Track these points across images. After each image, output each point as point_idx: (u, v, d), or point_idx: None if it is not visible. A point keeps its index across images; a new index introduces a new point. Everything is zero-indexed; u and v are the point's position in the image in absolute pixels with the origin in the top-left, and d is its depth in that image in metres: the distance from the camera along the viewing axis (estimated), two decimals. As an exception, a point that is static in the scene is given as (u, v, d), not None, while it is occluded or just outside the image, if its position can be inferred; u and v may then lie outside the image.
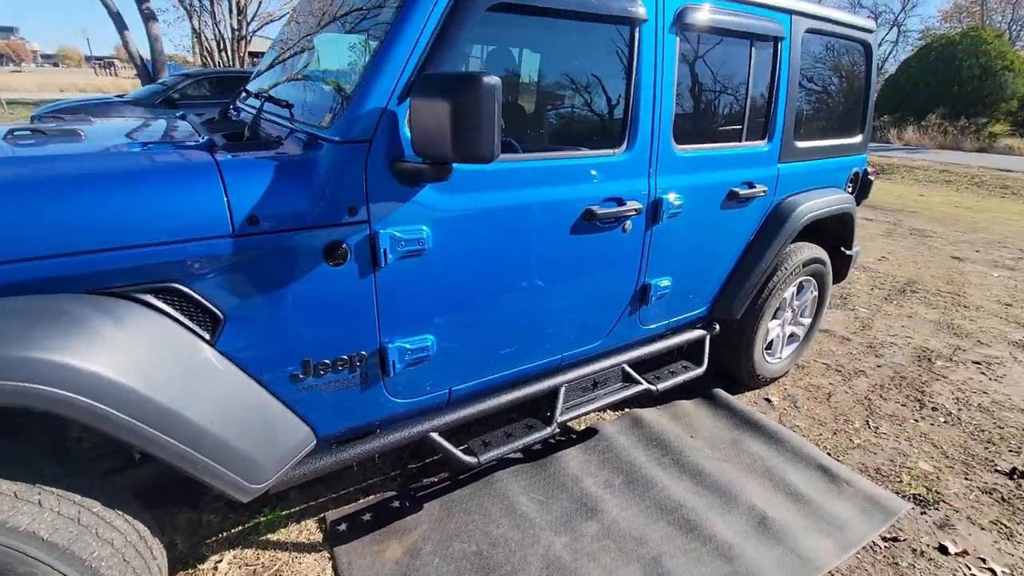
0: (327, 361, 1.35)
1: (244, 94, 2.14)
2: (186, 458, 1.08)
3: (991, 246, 5.99)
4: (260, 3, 16.91)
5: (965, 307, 4.05)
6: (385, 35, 1.28)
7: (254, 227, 1.15)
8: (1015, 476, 2.18)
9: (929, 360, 3.17)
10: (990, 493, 2.09)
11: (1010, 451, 2.35)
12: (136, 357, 1.03)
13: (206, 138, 1.35)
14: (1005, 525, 1.93)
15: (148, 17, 10.69)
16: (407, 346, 1.45)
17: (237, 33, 16.96)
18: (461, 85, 1.10)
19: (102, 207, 1.05)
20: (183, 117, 2.02)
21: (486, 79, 1.09)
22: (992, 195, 10.43)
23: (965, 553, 1.79)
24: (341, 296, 1.31)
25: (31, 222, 0.99)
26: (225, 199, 1.13)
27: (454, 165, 1.26)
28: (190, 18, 17.38)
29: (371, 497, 1.90)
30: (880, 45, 30.59)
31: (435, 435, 1.62)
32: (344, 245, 1.27)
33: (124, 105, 7.56)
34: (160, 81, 9.37)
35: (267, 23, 17.97)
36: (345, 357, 1.37)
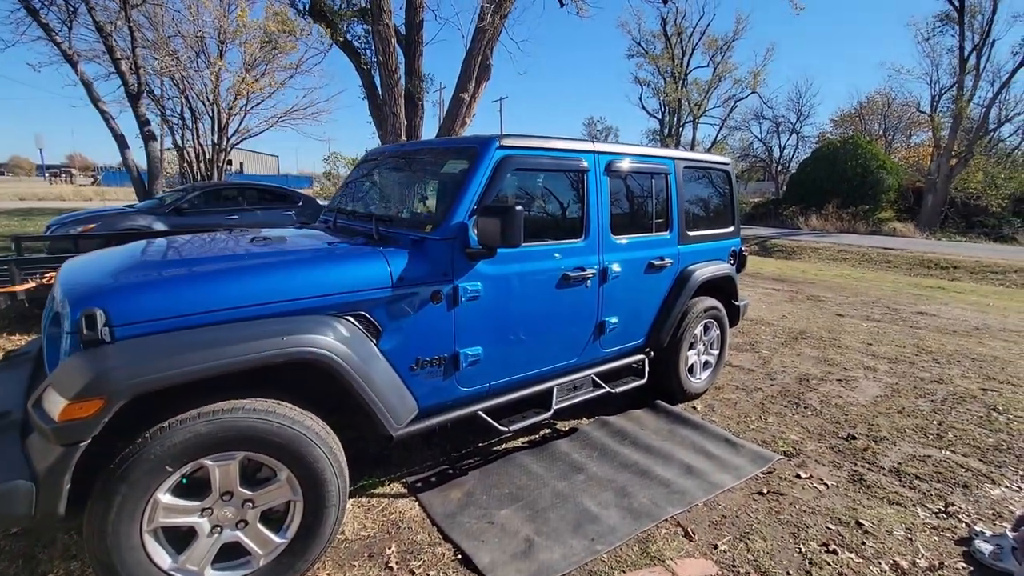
0: (427, 359, 2.38)
1: (336, 212, 3.27)
2: (374, 401, 2.07)
3: (867, 305, 7.62)
4: (241, 121, 18.70)
5: (839, 347, 5.41)
6: (460, 184, 2.48)
7: (400, 283, 2.24)
8: (848, 439, 3.33)
9: (807, 381, 4.40)
10: (832, 448, 3.21)
11: (849, 426, 3.52)
12: (351, 345, 2.05)
13: (361, 239, 2.46)
14: (838, 462, 3.04)
15: (148, 138, 11.97)
16: (469, 352, 2.50)
17: (217, 147, 18.47)
18: (504, 210, 2.27)
19: (331, 274, 2.12)
20: (304, 225, 3.12)
21: (517, 207, 2.28)
22: (878, 268, 12.62)
23: (811, 477, 2.87)
24: (438, 321, 2.37)
25: (304, 280, 2.05)
26: (388, 269, 2.22)
27: (498, 249, 2.41)
28: (172, 135, 18.86)
29: (432, 470, 2.81)
30: (784, 148, 35.81)
31: (482, 413, 2.61)
32: (441, 292, 2.36)
33: (137, 214, 8.50)
34: (158, 196, 10.40)
35: (246, 138, 19.73)
36: (437, 357, 2.40)
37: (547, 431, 3.32)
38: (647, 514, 2.46)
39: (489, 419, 2.63)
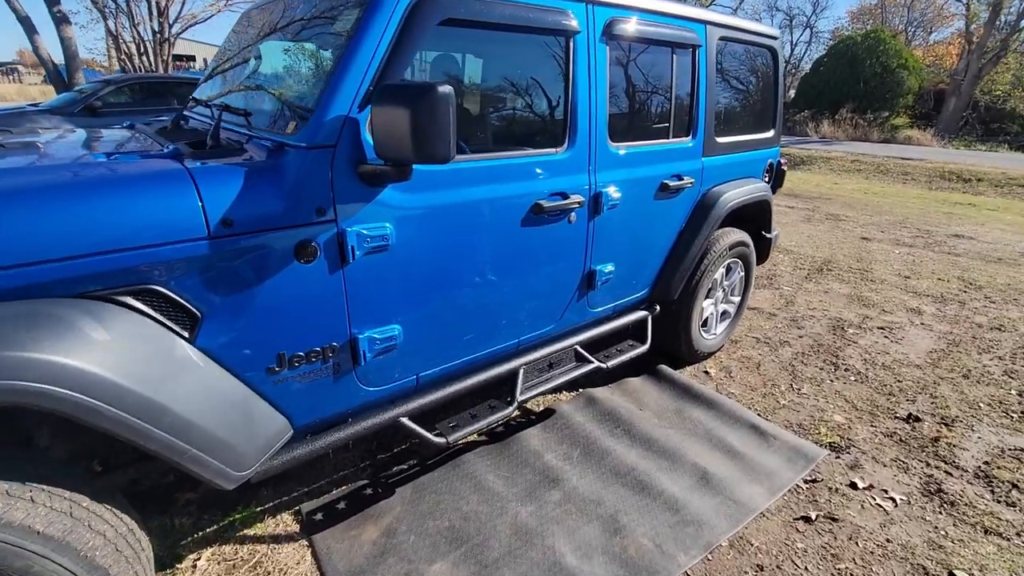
0: (301, 353, 1.43)
1: (192, 102, 2.16)
2: (174, 449, 1.15)
3: (894, 226, 6.68)
4: (183, 5, 16.14)
5: (872, 281, 4.54)
6: (344, 48, 1.39)
7: (229, 229, 1.23)
8: (910, 420, 2.53)
9: (842, 329, 3.56)
10: (891, 436, 2.42)
11: (907, 400, 2.72)
12: (120, 356, 1.09)
13: (172, 147, 1.40)
14: (903, 461, 2.25)
15: (60, 20, 9.99)
16: (376, 336, 1.55)
17: (159, 36, 16.10)
18: (419, 94, 1.22)
19: (77, 216, 1.10)
20: (132, 127, 2.02)
21: (441, 88, 1.22)
22: (895, 181, 11.54)
23: (871, 487, 2.09)
24: (312, 291, 1.40)
25: (12, 231, 1.03)
26: (200, 204, 1.20)
27: (414, 166, 1.38)
28: (105, 20, 16.34)
29: (344, 487, 1.98)
30: (796, 45, 32.81)
31: (405, 420, 1.72)
32: (314, 243, 1.36)
33: (40, 114, 7.06)
34: (77, 88, 8.80)
35: (191, 25, 17.17)
36: (318, 349, 1.46)
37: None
38: (648, 569, 1.67)
39: (417, 428, 1.75)
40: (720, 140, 2.59)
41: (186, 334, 1.24)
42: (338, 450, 2.09)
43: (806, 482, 2.11)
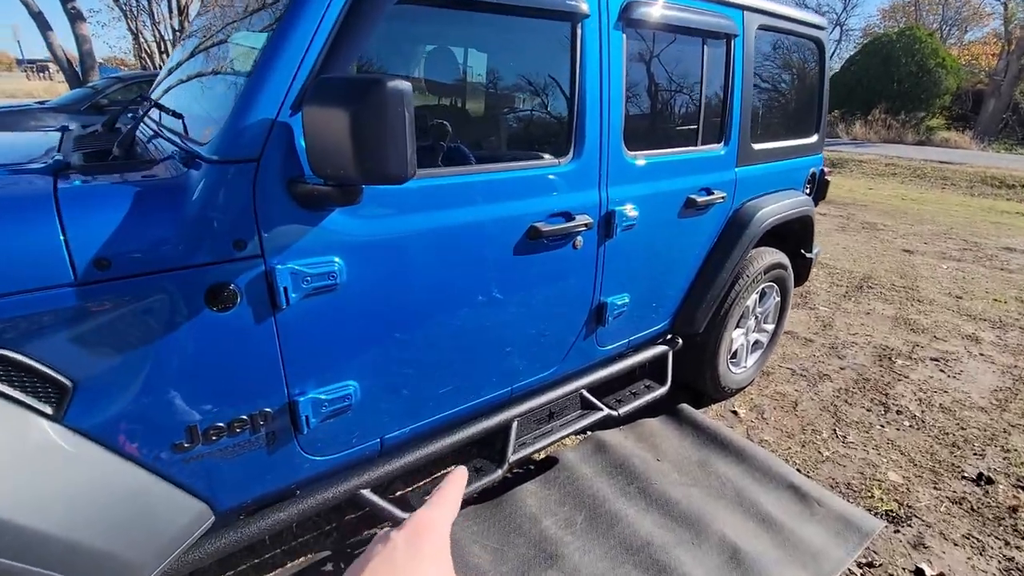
0: (220, 424, 1.12)
1: (146, 101, 1.87)
2: None
3: (938, 237, 6.16)
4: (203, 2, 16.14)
5: (919, 301, 4.09)
6: (274, 30, 1.07)
7: (104, 272, 0.92)
8: (981, 482, 2.13)
9: (890, 359, 3.14)
10: (960, 503, 2.02)
11: (975, 454, 2.31)
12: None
13: (56, 158, 1.10)
14: (977, 539, 1.86)
15: (75, 17, 9.94)
16: (323, 397, 1.23)
17: (179, 34, 16.14)
18: (361, 90, 0.90)
19: None
20: (64, 129, 1.74)
21: (391, 83, 0.90)
22: (934, 187, 10.89)
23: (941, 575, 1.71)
24: (232, 347, 1.08)
25: None
26: (62, 238, 0.89)
27: (363, 186, 1.06)
28: (127, 19, 16.49)
29: (301, 560, 1.67)
30: (825, 43, 31.75)
31: (367, 492, 1.41)
32: (232, 286, 1.04)
33: (45, 112, 6.97)
34: (90, 85, 8.75)
35: (210, 24, 17.19)
36: (243, 417, 1.14)
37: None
38: None
39: (380, 501, 1.43)
40: (757, 147, 2.22)
41: (49, 411, 0.93)
42: (278, 534, 1.79)
43: (860, 565, 1.74)
